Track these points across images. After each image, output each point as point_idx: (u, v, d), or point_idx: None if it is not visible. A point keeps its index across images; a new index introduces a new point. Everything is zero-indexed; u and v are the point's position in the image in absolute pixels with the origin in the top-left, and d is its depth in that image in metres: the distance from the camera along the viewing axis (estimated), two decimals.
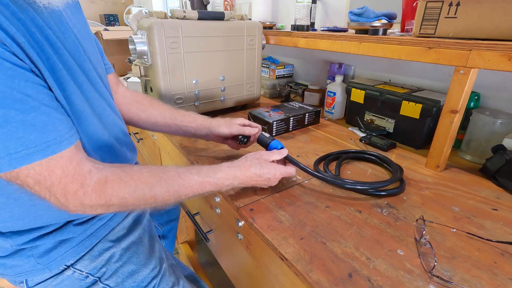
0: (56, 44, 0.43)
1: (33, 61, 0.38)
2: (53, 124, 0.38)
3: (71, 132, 0.40)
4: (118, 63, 1.68)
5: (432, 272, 0.39)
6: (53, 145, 0.37)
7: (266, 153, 0.55)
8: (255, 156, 0.54)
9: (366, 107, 0.89)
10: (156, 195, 0.45)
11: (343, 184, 0.57)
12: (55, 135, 0.38)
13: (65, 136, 0.39)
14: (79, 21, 0.52)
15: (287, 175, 0.55)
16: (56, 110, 0.39)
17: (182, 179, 0.47)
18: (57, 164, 0.38)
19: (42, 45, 0.40)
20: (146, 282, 0.59)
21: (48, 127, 0.37)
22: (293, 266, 0.41)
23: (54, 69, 0.42)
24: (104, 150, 0.53)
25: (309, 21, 1.06)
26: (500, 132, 0.67)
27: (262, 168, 0.52)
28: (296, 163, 0.57)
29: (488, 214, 0.53)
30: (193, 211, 0.84)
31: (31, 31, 0.38)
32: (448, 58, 0.58)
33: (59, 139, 0.38)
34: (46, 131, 0.37)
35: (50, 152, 0.37)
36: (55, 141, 0.37)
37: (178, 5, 1.95)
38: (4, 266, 0.50)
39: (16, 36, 0.36)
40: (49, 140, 0.37)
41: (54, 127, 0.38)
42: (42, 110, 0.37)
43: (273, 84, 1.27)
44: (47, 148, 0.37)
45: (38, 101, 0.37)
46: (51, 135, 0.37)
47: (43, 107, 0.37)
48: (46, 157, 0.37)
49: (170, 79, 0.84)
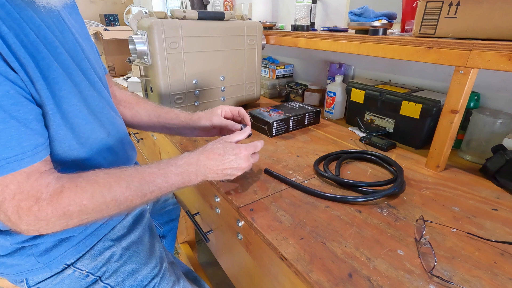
0: (53, 43, 0.43)
1: (23, 65, 0.37)
2: (19, 139, 0.36)
3: (39, 149, 0.39)
4: (118, 63, 1.68)
5: (432, 272, 0.40)
6: (13, 162, 0.36)
7: (227, 136, 0.55)
8: (217, 140, 0.53)
9: (366, 107, 0.89)
10: (116, 196, 0.42)
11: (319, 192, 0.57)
12: (18, 151, 0.36)
13: (28, 154, 0.37)
14: (77, 22, 0.53)
15: (253, 148, 0.53)
16: (26, 125, 0.38)
17: (142, 174, 0.45)
18: (13, 180, 0.37)
19: (37, 45, 0.40)
20: (147, 281, 0.59)
21: (11, 143, 0.36)
22: (293, 266, 0.41)
23: (48, 69, 0.41)
24: (104, 149, 0.53)
25: (309, 21, 1.06)
26: (500, 132, 0.67)
27: (225, 148, 0.51)
28: None
29: (488, 214, 0.53)
30: (193, 211, 0.84)
31: (26, 31, 0.38)
32: (448, 58, 0.58)
33: (20, 156, 0.36)
34: (9, 147, 0.36)
35: (9, 169, 0.36)
36: (16, 158, 0.36)
37: (178, 5, 1.95)
38: (4, 265, 0.50)
39: (7, 37, 0.36)
40: (9, 156, 0.36)
41: (19, 143, 0.36)
42: (11, 124, 0.36)
43: (273, 84, 1.27)
44: (7, 165, 0.36)
45: (9, 114, 0.35)
46: (13, 151, 0.36)
47: (12, 121, 0.36)
48: (4, 175, 0.36)
49: (170, 79, 0.84)
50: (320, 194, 0.56)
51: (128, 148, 0.62)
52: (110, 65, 1.67)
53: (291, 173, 0.65)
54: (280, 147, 0.78)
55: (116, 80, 1.57)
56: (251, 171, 0.65)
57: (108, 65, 1.66)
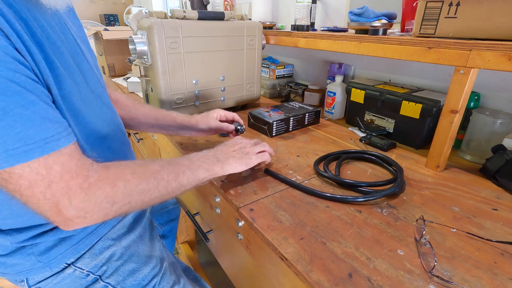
0: (56, 43, 0.43)
1: (34, 59, 0.38)
2: (51, 120, 0.37)
3: (68, 131, 0.39)
4: (118, 63, 1.68)
5: (432, 272, 0.40)
6: (52, 142, 0.36)
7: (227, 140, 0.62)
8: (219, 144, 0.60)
9: (366, 107, 0.89)
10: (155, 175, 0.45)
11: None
12: (53, 131, 0.36)
13: (62, 134, 0.37)
14: (74, 25, 0.54)
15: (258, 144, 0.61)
16: (53, 108, 0.39)
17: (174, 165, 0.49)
18: (56, 161, 0.36)
19: (42, 44, 0.40)
20: (147, 281, 0.59)
21: (46, 124, 0.36)
22: (293, 266, 0.41)
23: (52, 67, 0.42)
24: (102, 149, 0.53)
25: (309, 21, 1.06)
26: (500, 132, 0.67)
27: (232, 141, 0.60)
28: None
29: (488, 214, 0.53)
30: (193, 211, 0.84)
31: (33, 30, 0.39)
32: (448, 58, 0.58)
33: (57, 136, 0.37)
34: (45, 128, 0.36)
35: (49, 148, 0.35)
36: (53, 138, 0.36)
37: (178, 5, 1.95)
38: (5, 265, 0.50)
39: (21, 34, 0.36)
40: (47, 136, 0.36)
41: (52, 124, 0.37)
42: (41, 106, 0.36)
43: (273, 84, 1.27)
44: (46, 145, 0.35)
45: (37, 96, 0.36)
46: (49, 132, 0.36)
47: (41, 103, 0.36)
48: (45, 154, 0.35)
49: (170, 79, 0.84)
50: (320, 194, 0.56)
51: (126, 149, 0.62)
52: (110, 65, 1.66)
53: (291, 173, 0.65)
54: (280, 147, 0.78)
55: (116, 80, 1.57)
56: (251, 171, 0.65)
57: (108, 65, 1.66)
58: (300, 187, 0.58)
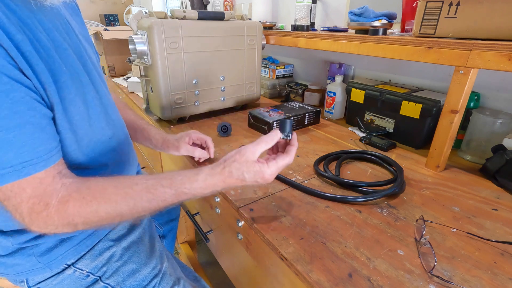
0: (62, 46, 0.43)
1: (35, 71, 0.38)
2: (33, 144, 0.37)
3: (52, 153, 0.40)
4: (118, 63, 1.68)
5: (432, 272, 0.40)
6: (29, 166, 0.37)
7: (249, 149, 0.43)
8: (235, 157, 0.43)
9: (366, 107, 0.89)
10: (122, 213, 0.42)
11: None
12: (33, 155, 0.37)
13: (42, 158, 0.38)
14: (78, 23, 0.53)
15: (280, 169, 0.44)
16: (41, 130, 0.39)
17: (152, 193, 0.42)
18: (29, 185, 0.38)
19: (48, 50, 0.40)
20: (147, 281, 0.59)
21: (26, 147, 0.37)
22: (293, 266, 0.41)
23: (59, 72, 0.42)
24: (107, 151, 0.53)
25: (309, 21, 1.06)
26: (500, 132, 0.67)
27: (245, 173, 0.42)
28: None
29: (488, 214, 0.53)
30: (193, 211, 0.84)
31: (38, 36, 0.39)
32: (448, 58, 0.58)
33: (35, 161, 0.38)
34: (24, 151, 0.37)
35: (24, 173, 0.37)
36: (31, 162, 0.37)
37: (178, 5, 1.95)
38: (5, 265, 0.50)
39: (22, 45, 0.36)
40: (25, 160, 0.37)
41: (33, 148, 0.37)
42: (26, 129, 0.37)
43: (273, 84, 1.27)
44: (22, 169, 0.37)
45: (25, 119, 0.36)
46: (28, 156, 0.37)
47: (28, 126, 0.37)
48: (20, 179, 0.37)
49: (170, 79, 0.84)
50: (320, 194, 0.56)
51: (129, 149, 0.62)
52: (110, 65, 1.66)
53: (291, 173, 0.65)
54: None
55: (116, 80, 1.57)
56: None
57: (108, 65, 1.66)
58: (300, 187, 0.58)
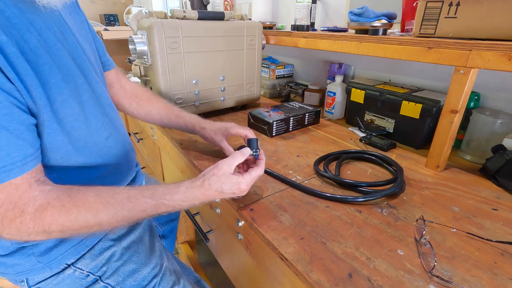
0: (55, 46, 0.42)
1: (19, 74, 0.37)
2: (8, 150, 0.37)
3: (28, 159, 0.39)
4: (118, 63, 1.67)
5: (432, 272, 0.40)
6: (2, 173, 0.37)
7: (225, 163, 0.48)
8: (213, 171, 0.47)
9: (366, 107, 0.89)
10: (101, 221, 0.42)
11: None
12: (7, 162, 0.37)
13: (17, 164, 0.38)
14: (76, 21, 0.53)
15: (253, 180, 0.49)
16: (18, 136, 0.38)
17: (133, 203, 0.43)
18: (3, 190, 0.38)
19: (37, 51, 0.39)
20: (147, 281, 0.59)
21: (1, 153, 0.36)
22: (293, 266, 0.41)
23: (50, 74, 0.41)
24: (104, 152, 0.53)
25: (309, 21, 1.06)
26: (500, 132, 0.67)
27: (223, 184, 0.46)
28: None
29: (488, 214, 0.53)
30: (193, 211, 0.84)
31: (26, 37, 0.38)
32: (448, 58, 0.58)
33: (9, 167, 0.37)
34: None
35: None
36: (4, 169, 0.37)
37: (178, 5, 1.95)
38: (5, 265, 0.50)
39: (5, 47, 0.36)
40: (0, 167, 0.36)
41: (8, 154, 0.37)
42: (1, 135, 0.36)
43: (273, 84, 1.27)
44: None
45: (1, 125, 0.36)
46: (2, 162, 0.37)
47: (3, 132, 0.36)
48: None
49: (170, 79, 0.84)
50: (320, 194, 0.56)
51: (128, 149, 0.62)
52: None
53: (291, 173, 0.65)
54: (280, 147, 0.78)
55: None
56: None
57: None
58: (300, 187, 0.58)
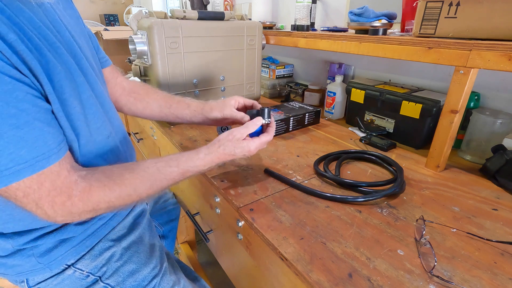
0: (55, 44, 0.42)
1: (31, 70, 0.38)
2: (44, 138, 0.38)
3: (61, 146, 0.41)
4: (118, 63, 1.67)
5: (432, 272, 0.40)
6: (42, 160, 0.38)
7: (239, 131, 0.54)
8: (228, 138, 0.54)
9: (366, 107, 0.89)
10: (141, 193, 0.48)
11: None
12: (45, 149, 0.38)
13: (53, 151, 0.39)
14: (71, 17, 0.52)
15: (262, 145, 0.56)
16: (48, 124, 0.40)
17: (163, 173, 0.49)
18: (46, 178, 0.39)
19: (40, 49, 0.39)
20: (147, 281, 0.59)
21: (38, 142, 0.38)
22: (293, 266, 0.41)
23: (54, 72, 0.41)
24: (104, 151, 0.53)
25: (309, 21, 1.06)
26: (500, 132, 0.67)
27: (235, 149, 0.53)
28: None
29: (488, 214, 0.53)
30: (193, 211, 0.84)
31: (29, 35, 0.38)
32: (448, 58, 0.58)
33: (47, 154, 0.38)
34: (36, 146, 0.37)
35: (39, 167, 0.38)
36: (44, 156, 0.38)
37: (178, 5, 1.95)
38: (5, 265, 0.50)
39: (15, 45, 0.36)
40: (38, 155, 0.37)
41: (44, 142, 0.38)
42: (35, 125, 0.37)
43: (273, 84, 1.27)
44: (36, 164, 0.37)
45: (32, 116, 0.37)
46: (40, 150, 0.38)
47: (36, 122, 0.37)
48: (36, 173, 0.38)
49: (170, 79, 0.84)
50: (320, 194, 0.56)
51: (128, 148, 0.62)
52: None
53: (291, 173, 0.65)
54: (280, 147, 0.78)
55: None
56: (251, 171, 0.65)
57: None
58: (300, 187, 0.58)
